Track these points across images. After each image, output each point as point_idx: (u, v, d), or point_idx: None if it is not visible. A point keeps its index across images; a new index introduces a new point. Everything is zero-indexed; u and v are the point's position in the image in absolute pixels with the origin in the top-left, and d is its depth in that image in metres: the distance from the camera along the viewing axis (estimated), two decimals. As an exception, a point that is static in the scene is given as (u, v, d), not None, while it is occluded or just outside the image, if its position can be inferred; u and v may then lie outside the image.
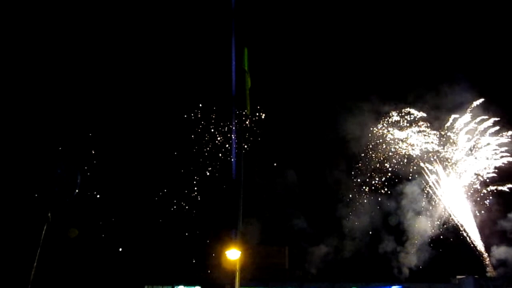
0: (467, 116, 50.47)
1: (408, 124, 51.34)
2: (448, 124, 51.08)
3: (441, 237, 49.45)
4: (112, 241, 47.35)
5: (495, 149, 49.43)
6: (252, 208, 49.49)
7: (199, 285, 43.33)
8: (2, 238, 34.73)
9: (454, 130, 50.95)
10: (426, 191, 50.82)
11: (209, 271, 46.97)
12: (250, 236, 48.15)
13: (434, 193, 50.64)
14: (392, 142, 51.58)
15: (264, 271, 45.63)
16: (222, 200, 48.13)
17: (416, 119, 51.02)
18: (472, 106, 50.28)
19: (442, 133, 51.12)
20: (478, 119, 50.18)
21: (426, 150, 51.02)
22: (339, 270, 49.45)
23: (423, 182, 50.85)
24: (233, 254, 18.81)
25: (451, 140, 51.01)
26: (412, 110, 51.08)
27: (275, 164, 52.12)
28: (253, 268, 44.98)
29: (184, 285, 42.50)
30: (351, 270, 49.41)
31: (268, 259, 48.64)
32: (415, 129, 51.12)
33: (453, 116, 50.81)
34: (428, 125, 51.27)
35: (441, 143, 51.15)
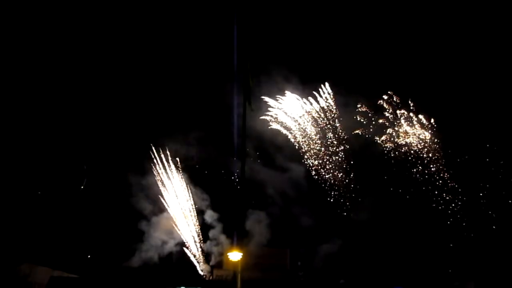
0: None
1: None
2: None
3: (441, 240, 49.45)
4: (112, 240, 47.58)
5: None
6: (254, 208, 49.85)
7: (200, 287, 43.33)
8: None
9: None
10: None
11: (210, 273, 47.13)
12: (251, 238, 48.18)
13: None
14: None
15: (265, 272, 45.60)
16: (226, 202, 48.51)
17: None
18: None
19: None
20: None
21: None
22: (340, 271, 49.38)
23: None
24: (234, 256, 18.90)
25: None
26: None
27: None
28: (255, 270, 44.99)
29: (185, 287, 42.44)
30: (352, 271, 49.34)
31: (269, 261, 48.59)
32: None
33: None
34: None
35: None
